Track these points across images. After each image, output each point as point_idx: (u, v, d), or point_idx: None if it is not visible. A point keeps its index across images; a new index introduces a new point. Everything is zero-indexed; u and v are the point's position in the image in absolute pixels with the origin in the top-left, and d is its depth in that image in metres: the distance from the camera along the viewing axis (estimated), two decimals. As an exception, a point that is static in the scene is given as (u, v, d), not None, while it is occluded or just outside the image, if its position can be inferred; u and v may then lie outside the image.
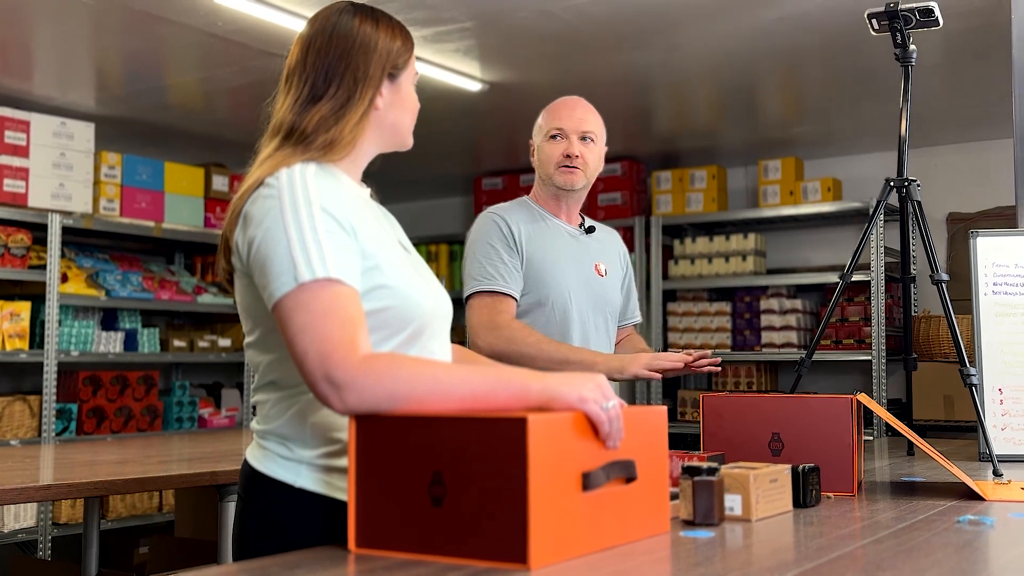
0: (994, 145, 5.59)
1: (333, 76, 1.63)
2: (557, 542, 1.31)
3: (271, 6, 3.74)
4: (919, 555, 1.41)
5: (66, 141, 5.03)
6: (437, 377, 1.39)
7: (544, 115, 2.74)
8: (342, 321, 1.40)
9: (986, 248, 2.80)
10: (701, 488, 1.61)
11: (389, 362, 1.39)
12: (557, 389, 1.38)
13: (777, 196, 5.96)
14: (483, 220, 2.67)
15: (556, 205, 2.74)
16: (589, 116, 2.73)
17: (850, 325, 5.58)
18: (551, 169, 2.68)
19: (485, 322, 2.53)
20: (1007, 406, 2.71)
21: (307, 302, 1.40)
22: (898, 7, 2.74)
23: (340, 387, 1.36)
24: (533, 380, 1.40)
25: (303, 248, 1.43)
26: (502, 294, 2.57)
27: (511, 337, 2.49)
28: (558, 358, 2.45)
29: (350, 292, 1.44)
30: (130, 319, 5.49)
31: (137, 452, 3.44)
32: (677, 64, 4.52)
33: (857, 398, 2.10)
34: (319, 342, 1.38)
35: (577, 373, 1.42)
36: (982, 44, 4.11)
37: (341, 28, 1.67)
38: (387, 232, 1.65)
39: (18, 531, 4.72)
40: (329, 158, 1.61)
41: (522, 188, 6.67)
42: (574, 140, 2.68)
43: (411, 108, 1.72)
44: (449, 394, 1.38)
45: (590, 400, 1.37)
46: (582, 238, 2.75)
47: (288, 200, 1.48)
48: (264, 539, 1.57)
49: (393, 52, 1.67)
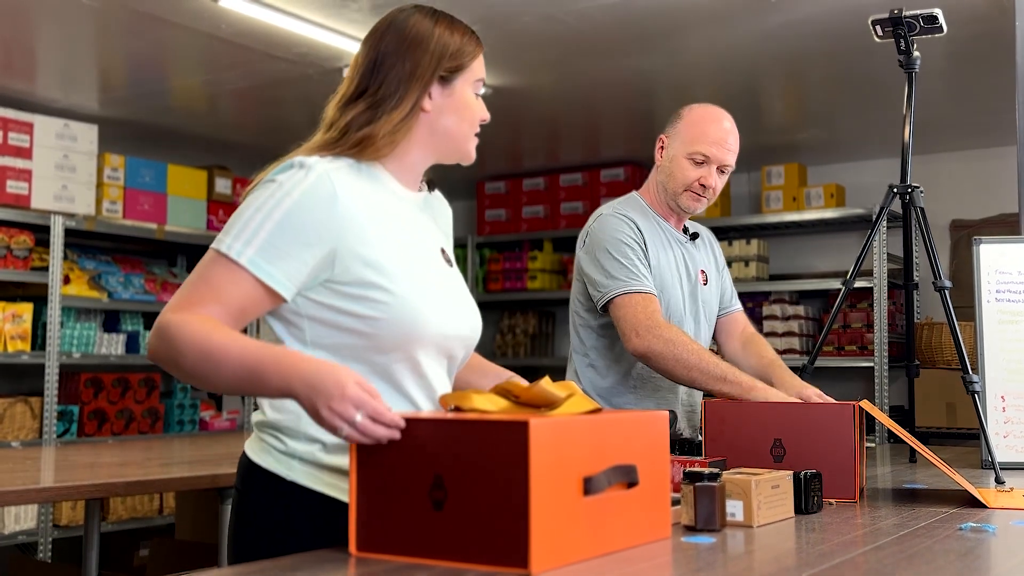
0: (998, 152, 5.58)
1: (378, 73, 1.61)
2: (558, 547, 1.30)
3: (275, 9, 3.75)
4: (921, 562, 1.41)
5: (69, 143, 5.03)
6: (209, 351, 1.42)
7: (694, 127, 2.55)
8: (205, 291, 1.48)
9: (989, 255, 2.80)
10: (703, 494, 1.61)
11: (186, 322, 1.44)
12: (311, 385, 1.36)
13: (780, 202, 5.96)
14: (613, 220, 2.52)
15: (669, 212, 2.63)
16: (735, 147, 2.57)
17: (853, 331, 5.58)
18: (679, 189, 2.55)
19: (642, 322, 2.38)
20: (1009, 413, 2.71)
21: (208, 264, 1.50)
22: (902, 14, 2.74)
23: (155, 332, 1.47)
24: (295, 376, 1.38)
25: (244, 226, 1.49)
26: (650, 294, 2.44)
27: (671, 339, 2.34)
28: (716, 374, 2.31)
29: (247, 281, 1.48)
30: (132, 321, 5.49)
31: (138, 454, 3.44)
32: (681, 69, 4.52)
33: (859, 405, 2.09)
34: (178, 292, 1.50)
35: (340, 377, 1.37)
36: (986, 51, 4.11)
37: (396, 25, 1.65)
38: (417, 240, 1.63)
39: (18, 533, 4.72)
40: (366, 156, 1.60)
41: (525, 192, 6.68)
42: (713, 171, 2.54)
43: (469, 116, 1.66)
44: (218, 363, 1.42)
45: (331, 416, 1.35)
46: (688, 245, 2.66)
47: (276, 185, 1.52)
48: (257, 532, 1.58)
49: (447, 53, 1.62)
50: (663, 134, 2.61)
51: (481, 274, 6.84)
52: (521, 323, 6.79)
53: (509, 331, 6.81)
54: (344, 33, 3.98)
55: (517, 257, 6.69)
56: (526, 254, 6.66)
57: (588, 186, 6.45)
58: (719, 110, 2.58)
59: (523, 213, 6.70)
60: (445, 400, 1.48)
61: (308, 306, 1.54)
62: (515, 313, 6.85)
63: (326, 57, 4.25)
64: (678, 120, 2.59)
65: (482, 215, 6.84)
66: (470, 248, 6.81)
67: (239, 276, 1.48)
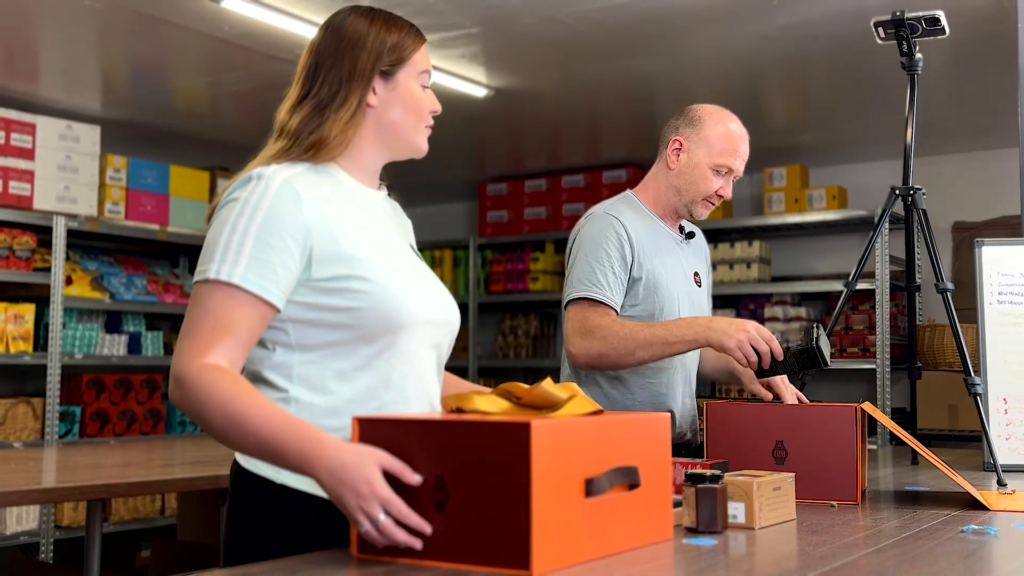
0: (1000, 154, 5.58)
1: (320, 74, 1.64)
2: (560, 548, 1.30)
3: (276, 11, 3.75)
4: (923, 564, 1.41)
5: (72, 144, 5.03)
6: (234, 416, 1.41)
7: (724, 139, 2.50)
8: (212, 326, 1.47)
9: (991, 257, 2.80)
10: (704, 496, 1.61)
11: (210, 379, 1.43)
12: (337, 478, 1.34)
13: (782, 204, 5.95)
14: (601, 222, 2.47)
15: (669, 213, 2.58)
16: (746, 158, 2.56)
17: (855, 333, 5.58)
18: (697, 198, 2.51)
19: (578, 328, 2.37)
20: (1012, 415, 2.70)
21: (203, 297, 1.49)
22: (904, 16, 2.74)
23: (176, 382, 1.45)
24: (319, 462, 1.36)
25: (225, 249, 1.49)
26: (605, 305, 2.39)
27: (605, 336, 2.32)
28: (657, 342, 2.28)
29: (245, 299, 1.48)
30: (134, 322, 5.49)
31: (140, 455, 3.45)
32: (682, 71, 4.52)
33: (861, 407, 2.09)
34: (183, 335, 1.48)
35: (366, 473, 1.33)
36: (988, 53, 4.11)
37: (334, 26, 1.69)
38: (386, 234, 1.65)
39: (20, 533, 4.72)
40: (321, 158, 1.62)
41: (527, 193, 6.68)
42: (730, 182, 2.53)
43: (415, 108, 1.67)
44: (242, 431, 1.42)
45: (356, 511, 1.33)
46: (683, 245, 2.61)
47: (242, 202, 1.52)
48: (249, 534, 1.58)
49: (386, 47, 1.64)
50: (679, 136, 2.53)
51: (483, 275, 6.84)
52: (522, 324, 6.79)
53: (510, 332, 6.81)
54: (346, 34, 3.98)
55: (519, 258, 6.69)
56: (528, 255, 6.66)
57: (590, 188, 6.45)
58: (738, 120, 2.56)
59: (525, 214, 6.70)
60: (446, 402, 1.48)
61: (290, 309, 1.55)
62: (516, 314, 6.85)
63: (328, 58, 4.25)
64: (700, 125, 2.52)
65: (484, 216, 6.84)
66: (471, 249, 6.81)
67: (237, 298, 1.48)
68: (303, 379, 1.56)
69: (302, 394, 1.56)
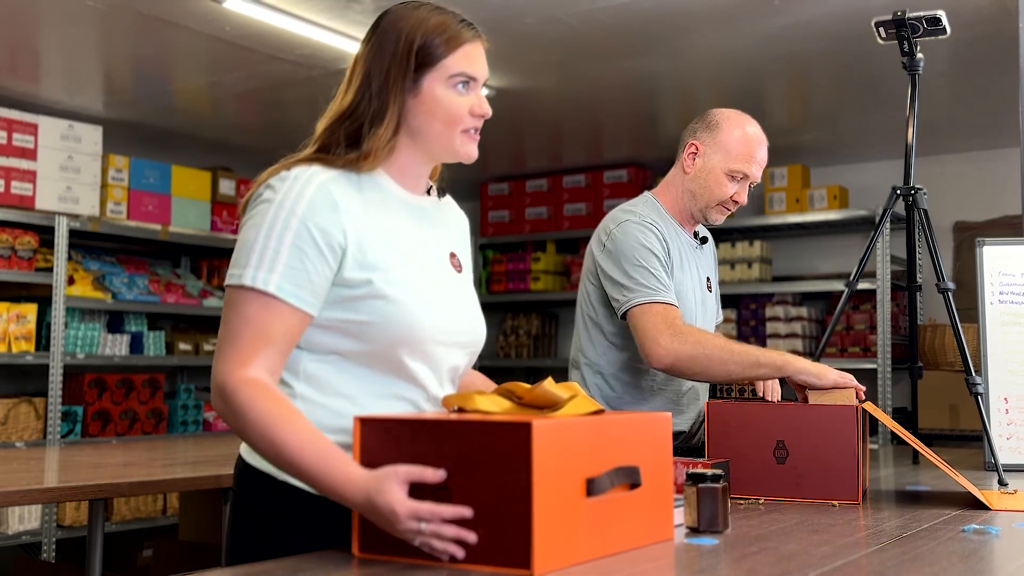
0: (1001, 154, 5.58)
1: (361, 90, 1.61)
2: (561, 548, 1.31)
3: (279, 11, 3.75)
4: (923, 564, 1.41)
5: (74, 144, 5.04)
6: (272, 443, 1.43)
7: (742, 145, 2.50)
8: (252, 336, 1.48)
9: (992, 257, 2.80)
10: (705, 495, 1.61)
11: (251, 398, 1.44)
12: (370, 513, 1.36)
13: (783, 203, 5.95)
14: (638, 227, 2.44)
15: (686, 218, 2.58)
16: (764, 163, 2.56)
17: (856, 333, 5.57)
18: (712, 203, 2.51)
19: (666, 327, 2.30)
20: (1013, 415, 2.71)
21: (240, 304, 1.49)
22: (905, 16, 2.74)
23: (218, 394, 1.47)
24: (349, 498, 1.38)
25: (261, 255, 1.49)
26: (672, 306, 2.36)
27: (699, 340, 2.29)
28: (750, 360, 2.26)
29: (283, 309, 1.49)
30: (136, 322, 5.50)
31: (142, 455, 3.45)
32: (684, 70, 4.52)
33: (862, 406, 2.10)
34: (224, 342, 1.49)
35: (389, 500, 1.34)
36: (989, 53, 4.11)
37: (379, 32, 1.66)
38: (421, 244, 1.63)
39: (22, 533, 4.73)
40: (364, 168, 1.59)
41: (528, 193, 6.68)
42: (746, 187, 2.52)
43: (442, 115, 1.61)
44: (279, 455, 1.43)
45: (400, 535, 1.34)
46: (697, 252, 2.61)
47: (277, 203, 1.52)
48: (251, 532, 1.59)
49: (412, 52, 1.59)
50: (696, 140, 2.54)
51: (484, 275, 6.84)
52: (524, 324, 6.79)
53: (512, 332, 6.81)
54: (347, 35, 3.98)
55: (520, 258, 6.69)
56: (529, 255, 6.66)
57: (591, 188, 6.45)
58: (757, 125, 2.55)
59: (526, 214, 6.70)
60: (448, 401, 1.48)
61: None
62: (518, 314, 6.85)
63: (329, 59, 4.26)
64: (717, 130, 2.52)
65: (485, 216, 6.85)
66: (473, 249, 6.80)
67: (275, 307, 1.48)
68: (309, 377, 1.56)
69: (308, 392, 1.56)
